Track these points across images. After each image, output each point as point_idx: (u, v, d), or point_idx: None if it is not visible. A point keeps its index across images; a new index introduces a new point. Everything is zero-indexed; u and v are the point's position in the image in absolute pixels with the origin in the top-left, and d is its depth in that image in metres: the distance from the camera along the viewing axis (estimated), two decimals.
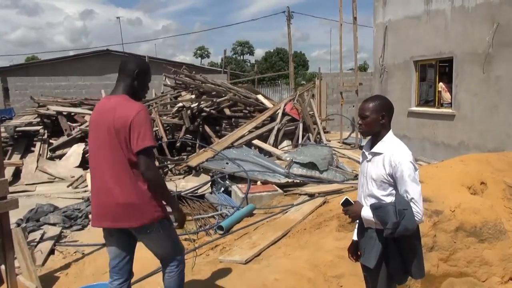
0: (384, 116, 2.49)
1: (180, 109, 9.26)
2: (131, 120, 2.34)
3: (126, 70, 2.58)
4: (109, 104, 2.50)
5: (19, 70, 20.02)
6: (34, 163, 7.97)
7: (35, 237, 4.46)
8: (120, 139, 2.36)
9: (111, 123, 2.38)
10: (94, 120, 2.54)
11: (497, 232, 3.65)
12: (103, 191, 2.45)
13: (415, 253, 2.47)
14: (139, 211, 2.42)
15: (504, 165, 4.99)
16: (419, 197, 2.36)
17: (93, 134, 2.52)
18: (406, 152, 2.43)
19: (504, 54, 7.63)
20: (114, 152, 2.39)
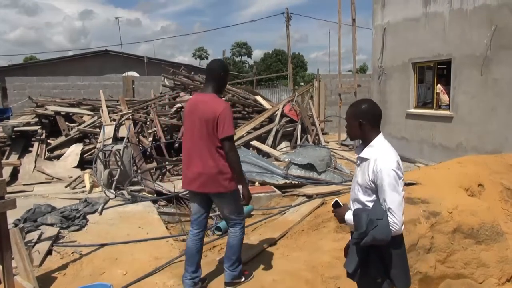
0: (362, 123, 2.43)
1: (179, 109, 9.26)
2: (218, 114, 3.11)
3: (213, 73, 3.28)
4: (201, 99, 3.28)
5: (18, 70, 19.99)
6: (32, 163, 7.95)
7: (33, 238, 4.44)
8: (208, 127, 3.15)
9: (202, 115, 3.17)
10: (189, 111, 3.32)
11: (494, 233, 3.66)
12: (195, 165, 3.25)
13: (398, 262, 2.41)
14: (220, 181, 3.21)
15: (502, 167, 5.00)
16: (398, 207, 2.30)
17: (188, 121, 3.32)
18: (389, 159, 2.35)
19: (502, 57, 7.65)
20: (204, 137, 3.18)
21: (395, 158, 2.38)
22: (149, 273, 3.79)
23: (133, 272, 3.83)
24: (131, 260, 4.11)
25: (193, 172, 3.27)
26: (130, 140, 8.15)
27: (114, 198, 6.26)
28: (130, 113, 9.32)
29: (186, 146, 3.35)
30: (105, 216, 5.43)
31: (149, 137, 8.85)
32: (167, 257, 4.16)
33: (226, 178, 3.22)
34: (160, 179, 7.83)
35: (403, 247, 2.48)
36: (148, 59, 21.59)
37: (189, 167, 3.32)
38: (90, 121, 9.34)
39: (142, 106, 10.47)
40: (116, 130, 8.55)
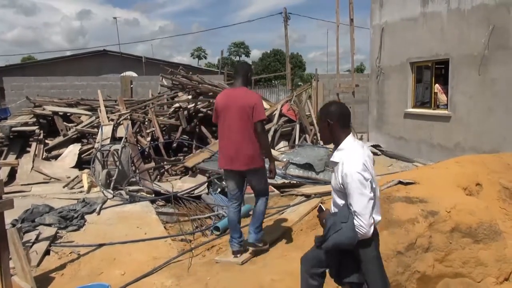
0: (330, 123, 2.46)
1: (177, 109, 9.24)
2: (254, 103, 3.84)
3: (241, 73, 4.06)
4: (236, 93, 3.98)
5: (15, 70, 19.94)
6: (30, 163, 7.93)
7: (30, 238, 4.43)
8: (245, 115, 3.82)
9: (240, 104, 3.84)
10: (224, 102, 3.95)
11: (492, 233, 3.66)
12: (232, 146, 3.87)
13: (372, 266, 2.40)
14: (254, 159, 3.90)
15: (500, 166, 5.01)
16: (364, 210, 2.28)
17: (224, 111, 3.92)
18: (355, 162, 2.33)
19: (500, 56, 7.67)
20: (242, 122, 3.84)
21: (361, 160, 2.36)
22: (147, 273, 3.79)
23: (131, 272, 3.83)
24: (129, 260, 4.11)
25: (232, 153, 3.89)
26: (128, 140, 8.13)
27: (112, 198, 6.25)
28: (128, 113, 9.30)
29: (224, 132, 3.96)
30: (103, 216, 5.42)
31: (147, 137, 8.84)
32: (165, 257, 4.15)
33: (258, 157, 3.94)
34: (158, 179, 7.82)
35: (377, 250, 2.46)
36: (146, 59, 21.57)
37: (228, 149, 3.93)
38: (88, 121, 9.32)
39: (140, 106, 10.45)
40: (114, 130, 8.53)
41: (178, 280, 3.65)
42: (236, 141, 3.87)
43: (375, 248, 2.44)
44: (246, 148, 3.85)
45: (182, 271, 3.84)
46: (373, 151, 10.39)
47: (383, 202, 4.00)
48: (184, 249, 4.56)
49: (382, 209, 3.89)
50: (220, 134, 4.05)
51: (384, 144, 10.91)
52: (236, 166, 3.92)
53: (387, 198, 4.01)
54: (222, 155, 4.03)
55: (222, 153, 4.03)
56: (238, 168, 3.93)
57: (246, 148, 3.85)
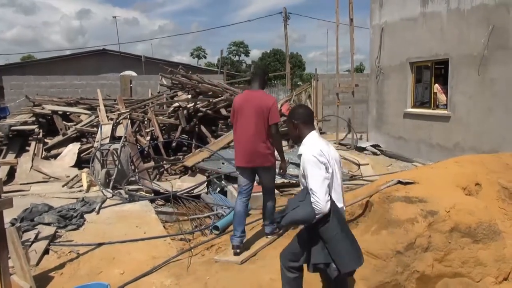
0: (294, 123, 2.82)
1: (176, 109, 9.24)
2: (270, 106, 4.09)
3: (259, 75, 4.35)
4: (253, 94, 4.22)
5: (15, 69, 19.89)
6: (29, 162, 7.92)
7: (30, 237, 4.43)
8: (261, 116, 4.07)
9: (257, 106, 4.09)
10: (241, 104, 4.19)
11: (492, 232, 3.66)
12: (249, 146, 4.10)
13: (337, 245, 2.51)
14: (267, 158, 4.19)
15: (499, 166, 5.01)
16: (319, 187, 2.49)
17: (241, 112, 4.16)
18: (312, 148, 2.64)
19: (499, 56, 7.67)
20: (257, 123, 4.08)
21: (318, 147, 2.66)
22: (146, 273, 3.79)
23: (131, 272, 3.83)
24: (129, 260, 4.11)
25: (247, 152, 4.15)
26: (128, 139, 8.13)
27: (112, 197, 6.24)
28: (127, 112, 9.30)
29: (241, 131, 4.20)
30: (102, 216, 5.42)
31: (146, 136, 8.84)
32: (164, 257, 4.15)
33: (271, 155, 4.23)
34: (157, 179, 7.83)
35: (340, 230, 2.56)
36: (145, 58, 21.54)
37: (243, 148, 4.18)
38: (87, 120, 9.32)
39: (139, 105, 10.45)
40: (113, 129, 8.53)
41: (178, 279, 3.65)
42: (251, 140, 4.11)
43: (336, 228, 2.55)
44: (261, 147, 4.13)
45: (181, 271, 3.84)
46: (372, 151, 10.40)
47: (383, 202, 4.00)
48: (184, 248, 4.56)
49: (381, 209, 3.92)
50: (237, 133, 4.28)
51: (383, 144, 10.92)
52: (251, 164, 4.18)
53: (387, 198, 4.01)
54: (237, 153, 4.27)
55: (238, 151, 4.27)
56: (252, 166, 4.20)
57: (261, 147, 4.13)
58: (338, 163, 2.79)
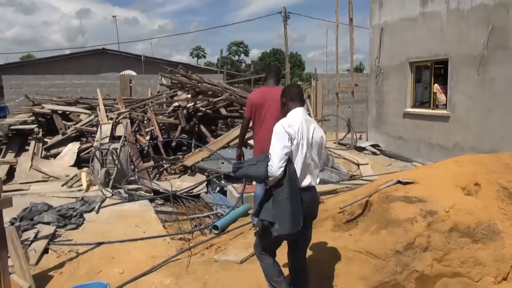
0: (283, 101, 3.07)
1: (176, 108, 9.24)
2: None
3: (274, 73, 4.71)
4: (271, 90, 4.46)
5: (14, 68, 19.89)
6: (29, 161, 7.91)
7: (29, 236, 4.43)
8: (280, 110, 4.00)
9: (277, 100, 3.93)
10: (260, 99, 4.44)
11: (491, 232, 3.66)
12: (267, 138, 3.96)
13: (281, 208, 2.73)
14: None
15: (498, 166, 5.01)
16: (276, 154, 2.75)
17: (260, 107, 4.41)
18: (283, 120, 2.90)
19: (499, 56, 7.67)
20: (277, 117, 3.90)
21: (290, 120, 2.89)
22: (146, 272, 3.79)
23: (130, 271, 3.83)
24: (128, 259, 4.11)
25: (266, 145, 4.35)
26: (127, 138, 8.13)
27: (111, 196, 6.24)
28: (127, 111, 9.30)
29: (260, 124, 4.47)
30: (102, 215, 5.42)
31: (146, 136, 8.84)
32: (164, 256, 4.15)
33: None
34: (157, 178, 7.82)
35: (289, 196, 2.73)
36: (145, 58, 21.53)
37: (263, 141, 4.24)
38: (87, 120, 9.31)
39: (139, 105, 10.44)
40: (113, 128, 8.53)
41: (177, 279, 3.65)
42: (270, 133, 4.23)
43: (286, 194, 2.74)
44: None
45: (180, 270, 3.84)
46: (372, 150, 10.41)
47: (382, 201, 4.01)
48: (183, 248, 4.56)
49: (381, 209, 3.92)
50: (256, 128, 4.54)
51: (383, 144, 10.92)
52: None
53: (386, 198, 4.01)
54: (257, 146, 4.58)
55: (257, 143, 4.57)
56: None
57: None
58: (317, 145, 2.93)
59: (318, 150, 2.96)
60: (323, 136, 3.01)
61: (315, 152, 2.94)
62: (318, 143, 2.95)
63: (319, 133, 2.97)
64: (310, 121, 2.99)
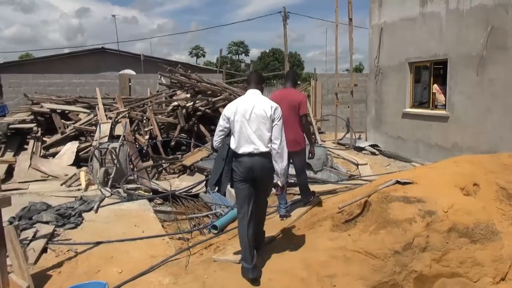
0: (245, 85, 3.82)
1: (175, 108, 9.24)
2: (300, 100, 4.98)
3: (290, 76, 5.31)
4: (288, 92, 5.10)
5: (13, 67, 19.84)
6: (27, 161, 7.91)
7: (28, 235, 4.43)
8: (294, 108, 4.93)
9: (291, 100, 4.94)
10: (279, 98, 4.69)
11: (489, 233, 3.67)
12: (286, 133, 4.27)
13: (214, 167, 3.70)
14: (298, 143, 4.98)
15: (497, 166, 5.02)
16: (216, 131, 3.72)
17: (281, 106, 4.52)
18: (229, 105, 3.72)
19: (498, 57, 7.68)
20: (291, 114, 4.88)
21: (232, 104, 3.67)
22: (144, 271, 3.79)
23: (129, 270, 3.83)
24: (127, 258, 4.10)
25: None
26: (126, 138, 8.12)
27: (110, 196, 6.24)
28: (126, 111, 9.29)
29: None
30: (100, 214, 5.42)
31: (145, 135, 8.83)
32: (162, 255, 4.15)
33: (302, 141, 5.04)
34: (156, 177, 7.82)
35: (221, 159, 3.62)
36: (144, 57, 21.49)
37: None
38: (86, 119, 9.30)
39: (138, 104, 10.44)
40: (112, 128, 8.52)
41: (176, 278, 3.65)
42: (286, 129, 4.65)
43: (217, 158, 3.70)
44: (293, 134, 4.87)
45: (179, 270, 3.84)
46: (371, 150, 10.42)
47: (381, 201, 4.01)
48: (182, 247, 4.56)
49: (380, 209, 3.93)
50: None
51: (382, 144, 10.93)
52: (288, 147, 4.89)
53: (385, 198, 4.01)
54: None
55: None
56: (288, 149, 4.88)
57: (293, 134, 4.87)
58: (257, 118, 3.54)
59: (261, 121, 3.54)
60: (265, 109, 3.56)
61: (256, 123, 3.53)
62: (259, 116, 3.54)
63: (260, 108, 3.56)
64: (256, 101, 3.62)
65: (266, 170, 3.58)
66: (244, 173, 3.54)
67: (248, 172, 3.53)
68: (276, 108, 3.64)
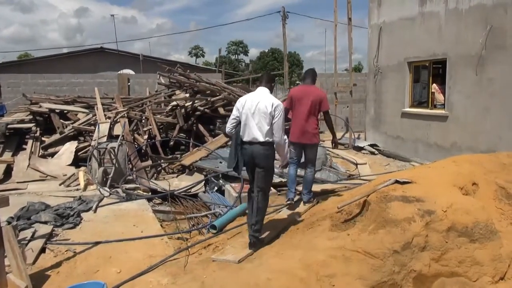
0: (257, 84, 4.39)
1: (174, 107, 9.22)
2: (322, 97, 5.37)
3: (311, 76, 5.62)
4: (309, 89, 5.45)
5: (12, 67, 19.83)
6: (26, 161, 7.89)
7: (26, 236, 4.42)
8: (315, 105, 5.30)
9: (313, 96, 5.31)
10: (300, 94, 5.35)
11: (488, 232, 3.67)
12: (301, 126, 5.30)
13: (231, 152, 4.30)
14: (313, 137, 5.37)
15: (496, 166, 5.02)
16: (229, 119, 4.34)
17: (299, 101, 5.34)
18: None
19: (497, 56, 7.69)
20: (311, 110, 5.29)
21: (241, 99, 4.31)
22: (143, 271, 3.78)
23: (127, 270, 3.82)
24: (126, 258, 4.10)
25: (300, 132, 5.33)
26: (125, 138, 8.11)
27: (109, 196, 6.23)
28: (125, 111, 9.28)
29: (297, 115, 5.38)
30: (99, 214, 5.41)
31: (144, 135, 8.82)
32: (161, 255, 4.15)
33: (317, 135, 5.45)
34: (155, 177, 7.81)
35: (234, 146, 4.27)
36: (143, 57, 21.49)
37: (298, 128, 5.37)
38: (84, 119, 9.29)
39: (137, 104, 10.42)
40: (111, 128, 8.51)
41: (174, 278, 3.64)
42: (304, 123, 5.31)
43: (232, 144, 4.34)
44: (310, 128, 5.30)
45: (178, 270, 3.83)
46: (370, 150, 10.42)
47: (380, 201, 4.01)
48: (181, 247, 4.55)
49: (379, 208, 3.93)
50: (294, 118, 5.43)
51: (381, 144, 10.93)
52: (301, 140, 5.37)
53: (384, 197, 4.01)
54: (292, 131, 5.43)
55: (292, 130, 5.43)
56: (303, 142, 5.38)
57: (310, 128, 5.30)
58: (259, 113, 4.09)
59: (260, 117, 4.08)
60: (267, 106, 4.09)
61: (258, 117, 4.09)
62: (261, 111, 4.09)
63: (263, 104, 4.10)
64: (261, 97, 4.17)
65: (262, 156, 4.17)
66: (246, 158, 4.22)
67: (250, 158, 4.19)
68: (277, 106, 4.12)
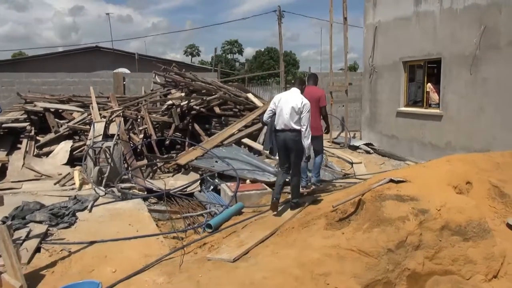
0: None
1: (170, 107, 9.21)
2: (320, 95, 6.14)
3: (312, 77, 6.50)
4: (311, 89, 6.13)
5: (6, 65, 19.67)
6: (21, 160, 7.85)
7: (21, 235, 4.40)
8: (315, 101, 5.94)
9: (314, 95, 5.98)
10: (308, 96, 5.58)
11: (482, 231, 3.71)
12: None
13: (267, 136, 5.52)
14: (317, 129, 6.03)
15: (490, 165, 5.06)
16: (266, 111, 5.46)
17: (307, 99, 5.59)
18: None
19: (491, 56, 7.74)
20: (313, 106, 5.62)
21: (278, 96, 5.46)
22: (138, 271, 3.78)
23: (123, 270, 3.82)
24: (121, 258, 4.09)
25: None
26: (121, 137, 8.09)
27: (104, 195, 6.21)
28: (120, 110, 9.25)
29: None
30: (94, 214, 5.40)
31: (139, 134, 8.80)
32: (157, 255, 4.15)
33: (320, 128, 6.20)
34: (150, 177, 7.80)
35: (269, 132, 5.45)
36: (139, 55, 21.40)
37: None
38: (80, 118, 9.25)
39: (133, 103, 10.40)
40: (106, 127, 8.48)
41: (170, 277, 3.64)
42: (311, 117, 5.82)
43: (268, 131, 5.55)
44: (315, 122, 5.86)
45: (174, 269, 3.84)
46: (365, 149, 10.46)
47: (375, 200, 4.03)
48: (176, 246, 4.55)
49: (373, 207, 3.96)
50: None
51: (376, 143, 10.97)
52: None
53: (379, 196, 4.04)
54: None
55: None
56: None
57: (315, 122, 5.86)
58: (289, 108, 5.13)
59: (291, 111, 5.11)
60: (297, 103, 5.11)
61: (288, 112, 5.13)
62: (290, 107, 5.12)
63: (292, 103, 5.13)
64: (293, 96, 5.24)
65: (292, 140, 5.16)
66: (279, 143, 5.26)
67: (282, 142, 5.23)
68: (305, 104, 5.13)
